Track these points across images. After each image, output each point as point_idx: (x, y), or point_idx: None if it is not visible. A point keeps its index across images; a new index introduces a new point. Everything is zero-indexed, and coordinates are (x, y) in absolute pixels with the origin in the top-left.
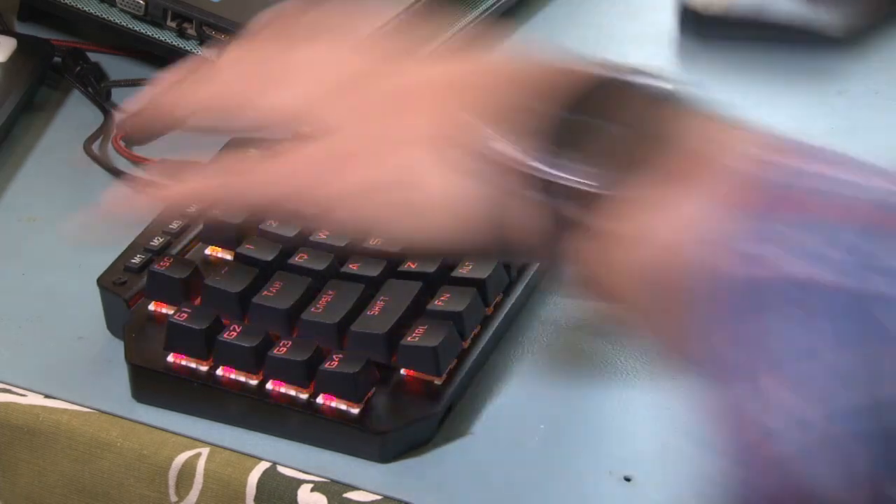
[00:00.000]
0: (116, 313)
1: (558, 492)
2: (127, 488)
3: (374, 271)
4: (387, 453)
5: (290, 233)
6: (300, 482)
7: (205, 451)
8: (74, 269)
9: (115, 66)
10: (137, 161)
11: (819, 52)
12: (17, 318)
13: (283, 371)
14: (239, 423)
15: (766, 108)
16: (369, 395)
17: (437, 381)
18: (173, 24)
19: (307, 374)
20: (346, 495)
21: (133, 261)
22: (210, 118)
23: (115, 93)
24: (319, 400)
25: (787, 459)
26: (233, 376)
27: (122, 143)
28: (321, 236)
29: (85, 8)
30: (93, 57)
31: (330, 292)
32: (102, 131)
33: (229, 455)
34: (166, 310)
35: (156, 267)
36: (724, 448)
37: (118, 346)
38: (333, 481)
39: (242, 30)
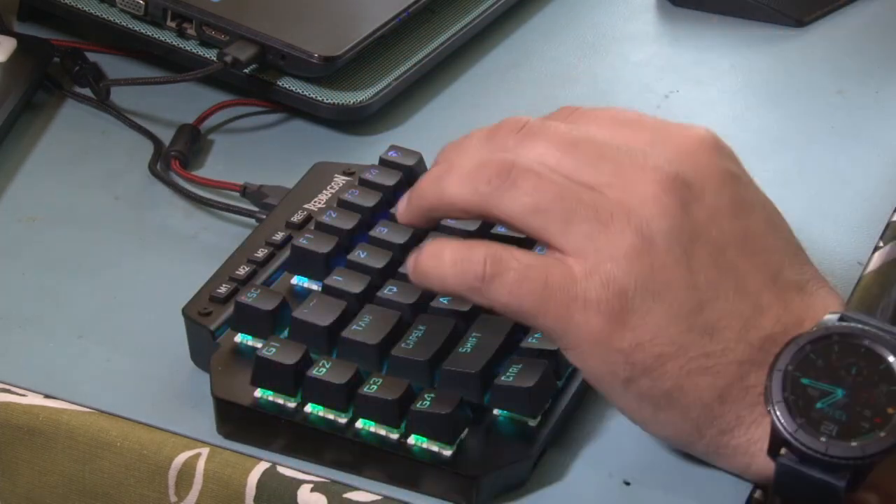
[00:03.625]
0: (201, 344)
1: (558, 495)
2: (127, 488)
3: (465, 305)
4: (479, 498)
5: (378, 264)
6: (300, 482)
7: (204, 451)
8: (74, 269)
9: (114, 66)
10: (202, 183)
11: (778, 30)
12: (17, 318)
13: (374, 410)
14: (326, 462)
15: (765, 108)
16: (462, 436)
17: (532, 423)
18: (173, 24)
19: (398, 413)
20: (346, 495)
21: (219, 290)
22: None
23: (115, 92)
24: (410, 441)
25: None
26: (322, 414)
27: (180, 167)
28: None
29: (85, 8)
30: (92, 57)
31: (420, 327)
32: (158, 155)
33: (229, 455)
34: (253, 342)
35: (243, 298)
36: None
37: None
38: (333, 481)
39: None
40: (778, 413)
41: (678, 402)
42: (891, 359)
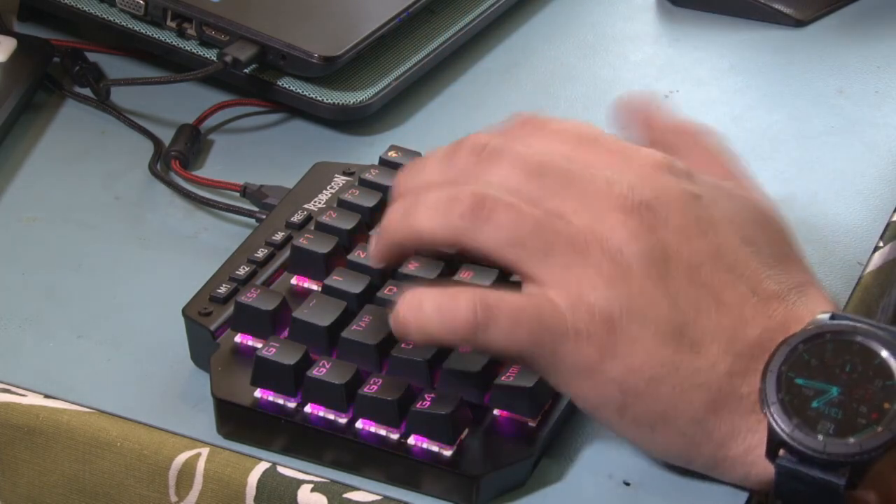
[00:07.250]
0: (201, 344)
1: (558, 496)
2: (127, 488)
3: None
4: (479, 498)
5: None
6: (300, 482)
7: (205, 451)
8: (74, 269)
9: (114, 66)
10: (202, 183)
11: (778, 30)
12: (17, 318)
13: (374, 410)
14: (326, 462)
15: (765, 108)
16: (462, 436)
17: (532, 423)
18: (173, 24)
19: (398, 413)
20: (346, 495)
21: (219, 290)
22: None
23: (115, 92)
24: (411, 441)
25: None
26: (322, 414)
27: (180, 167)
28: (410, 267)
29: (85, 8)
30: (92, 57)
31: None
32: (158, 155)
33: (229, 455)
34: (253, 342)
35: (243, 298)
36: None
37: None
38: (333, 481)
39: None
40: (773, 414)
41: (673, 421)
42: (884, 354)
